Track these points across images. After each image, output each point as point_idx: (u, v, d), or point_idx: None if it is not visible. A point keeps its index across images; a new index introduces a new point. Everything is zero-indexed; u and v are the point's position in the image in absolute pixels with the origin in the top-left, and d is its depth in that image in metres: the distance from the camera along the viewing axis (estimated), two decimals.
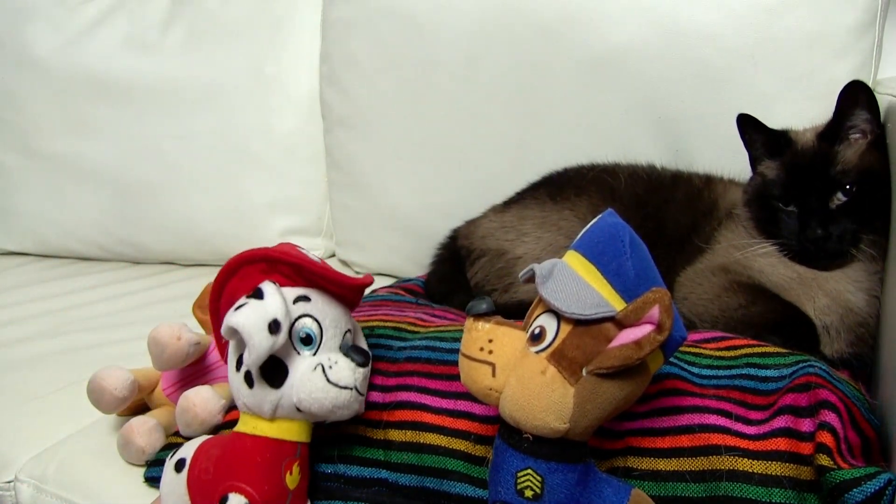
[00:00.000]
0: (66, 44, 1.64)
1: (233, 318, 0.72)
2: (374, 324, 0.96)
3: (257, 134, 1.57)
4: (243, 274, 0.78)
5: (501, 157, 1.36)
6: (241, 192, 1.58)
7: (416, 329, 0.95)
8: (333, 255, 1.65)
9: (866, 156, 0.96)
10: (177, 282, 1.57)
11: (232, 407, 0.91)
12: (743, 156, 1.07)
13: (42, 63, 1.65)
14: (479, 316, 0.69)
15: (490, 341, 0.67)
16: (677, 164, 1.22)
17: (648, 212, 1.10)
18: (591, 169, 1.19)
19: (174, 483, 0.79)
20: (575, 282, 0.65)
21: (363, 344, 0.86)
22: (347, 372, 0.76)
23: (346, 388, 0.75)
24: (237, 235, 1.59)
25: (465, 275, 1.18)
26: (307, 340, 0.76)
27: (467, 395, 0.83)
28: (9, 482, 1.01)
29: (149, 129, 1.60)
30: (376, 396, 0.85)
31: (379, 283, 1.33)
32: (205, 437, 0.82)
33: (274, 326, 0.72)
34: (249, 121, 1.57)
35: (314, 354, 0.77)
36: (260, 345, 0.71)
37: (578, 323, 0.64)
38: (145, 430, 0.91)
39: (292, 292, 0.77)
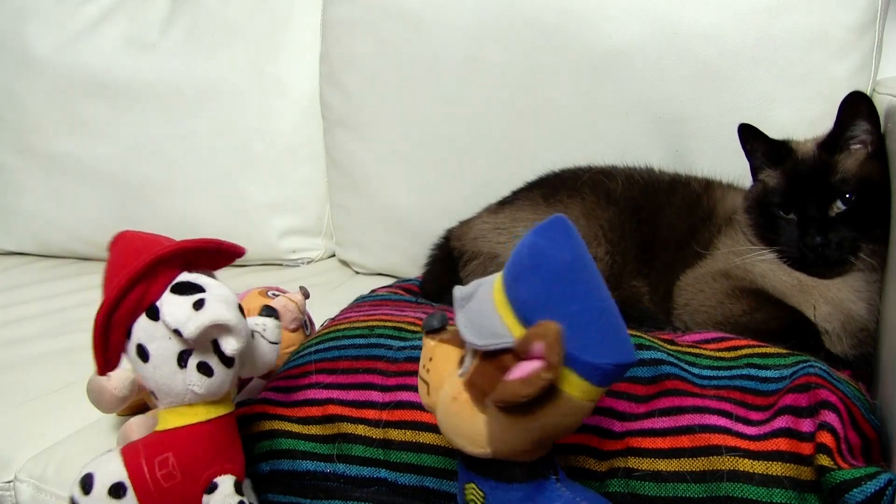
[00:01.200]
0: (66, 44, 1.64)
1: (209, 315, 0.71)
2: (374, 324, 0.96)
3: (257, 134, 1.57)
4: (151, 278, 0.74)
5: (501, 157, 1.36)
6: (241, 192, 1.59)
7: (415, 329, 0.95)
8: (333, 255, 1.65)
9: (866, 165, 0.96)
10: None
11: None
12: (743, 156, 1.07)
13: (42, 63, 1.65)
14: (432, 332, 0.67)
15: (430, 359, 0.67)
16: (677, 163, 1.22)
17: (643, 216, 1.11)
18: (587, 171, 1.18)
19: None
20: (485, 306, 0.61)
21: None
22: (277, 330, 0.83)
23: (277, 343, 0.83)
24: (237, 235, 1.56)
25: (458, 274, 1.18)
26: None
27: None
28: (9, 482, 1.01)
29: (149, 129, 1.60)
30: (376, 396, 0.85)
31: (379, 283, 1.33)
32: (116, 454, 0.76)
33: (241, 310, 0.75)
34: (249, 121, 1.57)
35: None
36: (246, 330, 0.74)
37: (485, 353, 0.61)
38: (145, 430, 0.91)
39: (203, 276, 0.78)
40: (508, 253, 1.11)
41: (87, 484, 0.75)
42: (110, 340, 0.74)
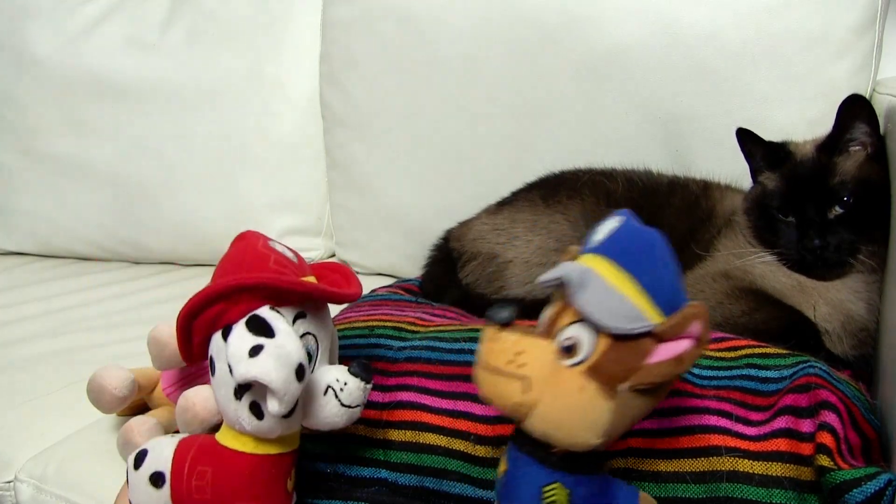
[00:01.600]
0: (66, 44, 1.64)
1: (255, 370, 0.66)
2: (374, 324, 0.96)
3: (257, 134, 1.57)
4: (236, 298, 0.71)
5: (501, 158, 1.36)
6: (241, 192, 1.58)
7: (415, 328, 0.95)
8: (333, 255, 1.65)
9: (865, 167, 0.96)
10: (177, 282, 1.57)
11: None
12: (742, 156, 1.07)
13: (42, 63, 1.65)
14: (503, 325, 0.63)
15: (518, 353, 0.62)
16: (677, 163, 1.22)
17: (643, 217, 1.10)
18: (587, 172, 1.18)
19: (153, 498, 0.75)
20: (610, 292, 0.61)
21: (336, 342, 0.83)
22: (358, 392, 0.74)
23: (357, 406, 0.75)
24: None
25: (457, 274, 1.18)
26: (307, 359, 0.73)
27: (467, 396, 0.83)
28: (9, 482, 1.01)
29: (149, 129, 1.60)
30: (376, 396, 0.85)
31: (379, 283, 1.33)
32: (172, 445, 0.76)
33: (300, 373, 0.68)
34: (249, 121, 1.57)
35: (311, 371, 0.74)
36: (292, 396, 0.68)
37: (617, 337, 0.60)
38: (145, 430, 0.91)
39: (290, 313, 0.73)
40: (506, 254, 1.12)
41: (138, 460, 0.76)
42: (192, 340, 0.73)
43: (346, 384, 0.73)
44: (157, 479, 0.74)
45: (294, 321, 0.73)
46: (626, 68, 1.25)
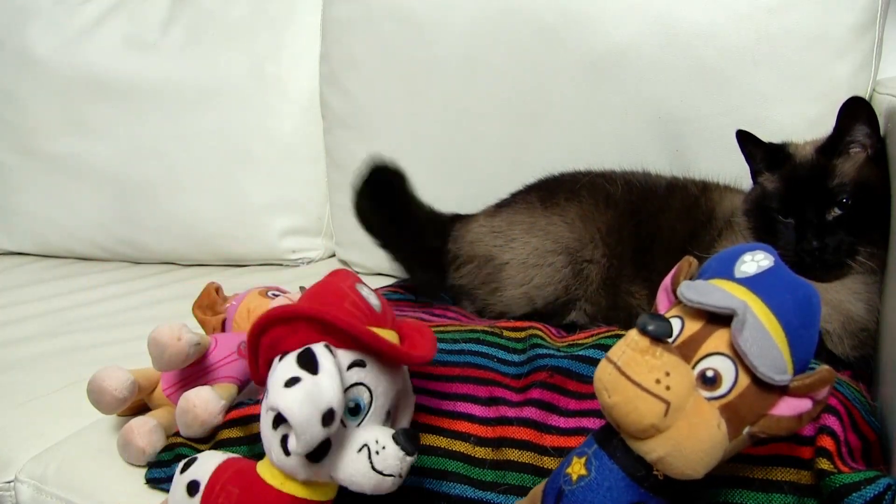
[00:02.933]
0: (66, 44, 1.64)
1: (282, 402, 0.64)
2: None
3: (257, 134, 1.57)
4: (296, 326, 0.70)
5: (501, 158, 1.36)
6: (241, 192, 1.59)
7: None
8: (333, 255, 1.66)
9: (864, 169, 0.96)
10: (177, 282, 1.57)
11: (232, 407, 0.91)
12: (741, 156, 1.07)
13: (42, 63, 1.65)
14: (656, 339, 0.59)
15: (667, 374, 0.59)
16: (677, 163, 1.22)
17: (642, 219, 1.10)
18: (585, 174, 1.18)
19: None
20: (767, 339, 0.59)
21: (411, 409, 0.79)
22: (394, 461, 0.68)
23: (390, 475, 0.69)
24: (237, 236, 1.59)
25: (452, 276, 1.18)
26: (355, 410, 0.70)
27: (467, 397, 0.83)
28: (9, 482, 1.01)
29: (149, 129, 1.60)
30: None
31: (379, 283, 1.33)
32: (218, 460, 0.75)
33: (328, 417, 0.64)
34: (249, 121, 1.57)
35: (359, 425, 0.70)
36: (312, 438, 0.64)
37: (756, 381, 0.59)
38: (145, 431, 0.91)
39: (347, 357, 0.70)
40: (503, 256, 1.12)
41: (187, 465, 0.76)
42: (259, 358, 0.72)
43: (383, 448, 0.68)
44: (192, 488, 0.74)
45: (350, 367, 0.70)
46: (626, 68, 1.25)
